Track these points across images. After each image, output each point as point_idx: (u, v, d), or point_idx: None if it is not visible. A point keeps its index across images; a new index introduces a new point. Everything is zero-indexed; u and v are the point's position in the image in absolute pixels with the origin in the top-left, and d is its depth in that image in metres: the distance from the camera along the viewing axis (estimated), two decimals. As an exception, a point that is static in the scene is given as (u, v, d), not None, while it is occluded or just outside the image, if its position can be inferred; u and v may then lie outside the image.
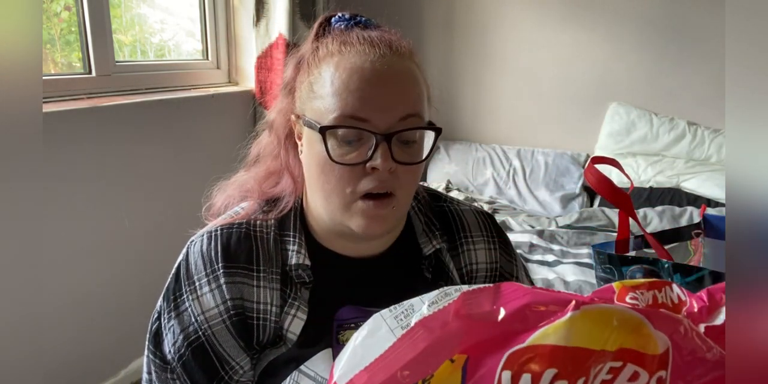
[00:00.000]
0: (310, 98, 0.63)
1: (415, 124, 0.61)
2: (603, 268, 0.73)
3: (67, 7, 1.73)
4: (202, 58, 2.27)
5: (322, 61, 0.63)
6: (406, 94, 0.61)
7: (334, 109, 0.60)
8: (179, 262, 0.70)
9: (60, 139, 1.49)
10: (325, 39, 0.66)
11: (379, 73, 0.60)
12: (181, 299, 0.68)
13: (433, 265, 0.73)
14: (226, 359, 0.67)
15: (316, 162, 0.63)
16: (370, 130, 0.59)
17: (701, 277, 0.61)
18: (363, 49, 0.61)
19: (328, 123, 0.60)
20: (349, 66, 0.60)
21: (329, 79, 0.61)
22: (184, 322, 0.67)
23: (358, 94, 0.59)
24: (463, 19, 2.96)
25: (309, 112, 0.63)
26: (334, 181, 0.62)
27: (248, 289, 0.67)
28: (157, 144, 1.82)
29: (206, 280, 0.67)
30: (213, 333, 0.66)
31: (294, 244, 0.69)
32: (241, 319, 0.66)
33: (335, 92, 0.60)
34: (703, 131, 2.63)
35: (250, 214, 0.71)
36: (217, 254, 0.67)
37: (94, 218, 1.62)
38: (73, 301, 1.58)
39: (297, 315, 0.67)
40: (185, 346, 0.66)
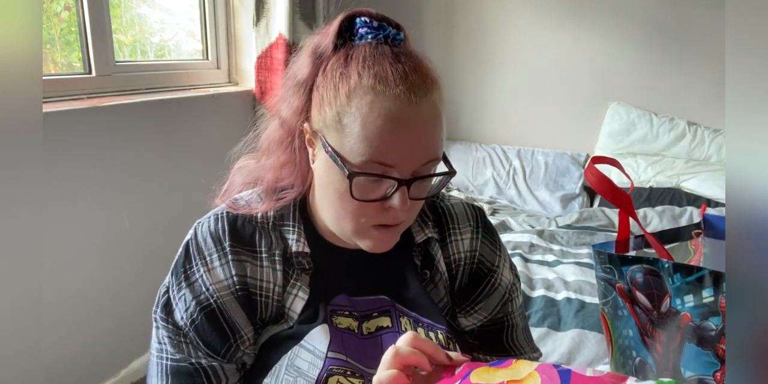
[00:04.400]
0: (336, 129, 0.63)
1: (435, 167, 0.66)
2: (603, 267, 0.73)
3: (67, 7, 1.73)
4: (202, 58, 2.27)
5: (353, 93, 0.61)
6: (432, 142, 0.63)
7: (363, 153, 0.61)
8: (187, 240, 0.72)
9: (60, 139, 1.49)
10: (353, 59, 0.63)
11: (412, 124, 0.61)
12: (192, 271, 0.70)
13: (422, 254, 0.77)
14: (236, 327, 0.69)
15: (333, 188, 0.65)
16: (394, 178, 0.62)
17: (701, 277, 0.61)
18: (398, 94, 0.60)
19: (356, 165, 0.62)
20: (384, 112, 0.60)
21: (362, 121, 0.61)
22: (195, 291, 0.69)
23: (389, 142, 0.61)
24: (463, 19, 2.96)
25: (333, 141, 0.63)
26: (350, 210, 0.65)
27: (252, 267, 0.70)
28: (157, 144, 1.82)
29: (217, 255, 0.70)
30: (224, 302, 0.69)
31: (294, 234, 0.72)
32: (245, 294, 0.69)
33: (367, 138, 0.60)
34: (703, 131, 2.63)
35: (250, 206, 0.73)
36: (225, 233, 0.70)
37: (94, 218, 1.62)
38: (73, 300, 1.58)
39: (298, 295, 0.70)
40: (198, 311, 0.68)
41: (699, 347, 0.62)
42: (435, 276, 0.76)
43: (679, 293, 0.63)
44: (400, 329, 0.71)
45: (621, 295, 0.71)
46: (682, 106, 2.70)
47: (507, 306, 0.82)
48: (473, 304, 0.80)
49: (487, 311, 0.80)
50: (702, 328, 0.61)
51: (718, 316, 0.60)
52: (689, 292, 0.63)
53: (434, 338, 0.71)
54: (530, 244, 2.08)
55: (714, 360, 0.61)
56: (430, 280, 0.76)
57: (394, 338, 0.68)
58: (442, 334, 0.71)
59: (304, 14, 2.24)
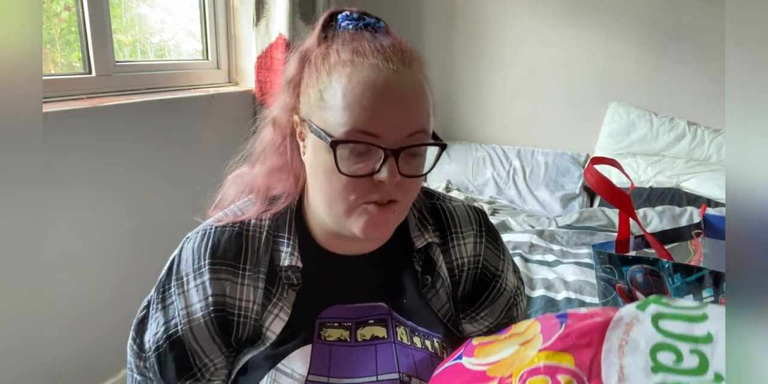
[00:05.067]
0: (319, 107, 0.63)
1: (423, 140, 0.63)
2: (603, 267, 0.73)
3: (67, 7, 1.73)
4: (202, 58, 2.27)
5: (333, 69, 0.62)
6: (416, 111, 0.63)
7: (345, 122, 0.60)
8: (173, 257, 0.71)
9: (60, 139, 1.49)
10: (334, 43, 0.65)
11: (392, 90, 0.61)
12: (169, 293, 0.70)
13: (423, 260, 0.75)
14: (200, 356, 0.68)
15: (322, 169, 0.64)
16: (379, 146, 0.61)
17: (701, 277, 0.61)
18: (376, 63, 0.61)
19: (339, 136, 0.61)
20: (362, 80, 0.60)
21: (341, 92, 0.61)
22: (167, 315, 0.69)
23: (370, 109, 0.60)
24: (463, 19, 2.96)
25: (317, 120, 0.63)
26: (340, 189, 0.63)
27: (232, 286, 0.68)
28: (157, 144, 1.82)
29: (193, 275, 0.69)
30: (191, 328, 0.68)
31: (288, 246, 0.70)
32: (220, 315, 0.68)
33: (347, 106, 0.60)
34: (703, 131, 2.63)
35: (247, 215, 0.71)
36: (206, 251, 0.69)
37: (94, 218, 1.62)
38: (73, 300, 1.58)
39: (279, 315, 0.69)
40: (164, 339, 0.68)
41: (699, 347, 0.62)
42: (437, 282, 0.74)
43: (679, 293, 0.64)
44: (396, 339, 0.70)
45: (621, 295, 0.71)
46: (682, 106, 2.70)
47: (512, 310, 0.80)
48: (478, 310, 0.78)
49: (493, 317, 0.79)
50: (702, 328, 0.61)
51: (718, 316, 0.60)
52: (689, 292, 0.63)
53: (430, 346, 0.70)
54: (530, 244, 2.08)
55: (714, 360, 0.60)
56: (431, 286, 0.74)
57: (389, 349, 0.68)
58: (438, 343, 0.70)
59: (304, 14, 2.24)
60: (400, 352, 0.68)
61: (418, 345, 0.69)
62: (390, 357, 0.68)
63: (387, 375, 0.66)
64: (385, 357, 0.67)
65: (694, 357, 0.43)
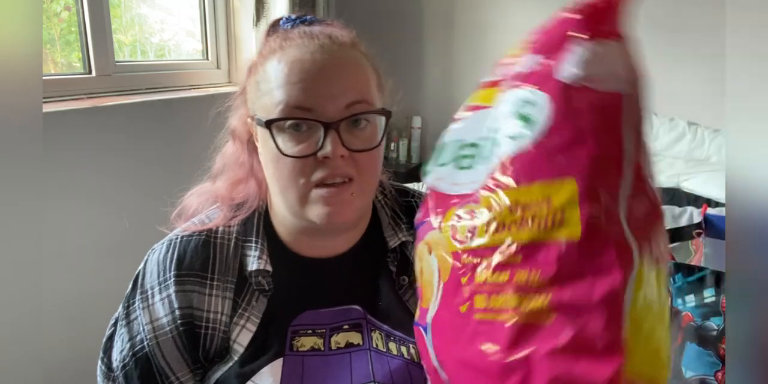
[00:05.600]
0: (258, 97, 0.64)
1: (363, 110, 0.62)
2: (604, 268, 0.73)
3: (67, 7, 1.73)
4: (202, 58, 2.27)
5: (265, 59, 0.63)
6: (349, 82, 0.61)
7: (279, 102, 0.60)
8: (138, 270, 0.70)
9: (60, 139, 1.49)
10: (270, 39, 0.66)
11: (320, 63, 0.60)
12: (133, 308, 0.68)
13: (398, 259, 0.72)
14: (167, 373, 0.65)
15: (270, 158, 0.63)
16: (315, 119, 0.59)
17: (702, 277, 0.61)
18: (303, 42, 0.62)
19: (274, 117, 0.60)
20: (290, 59, 0.60)
21: (273, 75, 0.61)
22: (132, 331, 0.66)
23: (300, 84, 0.59)
24: (463, 19, 2.95)
25: (259, 110, 0.64)
26: (287, 174, 0.61)
27: (199, 297, 0.66)
28: (157, 144, 1.82)
29: (158, 288, 0.67)
30: (158, 343, 0.65)
31: (255, 250, 0.68)
32: (188, 328, 0.65)
33: (278, 86, 0.60)
34: (703, 131, 2.63)
35: (214, 222, 0.70)
36: (171, 263, 0.67)
37: (94, 218, 1.62)
38: (73, 300, 1.58)
39: (246, 326, 0.66)
40: (130, 356, 0.66)
41: (700, 347, 0.62)
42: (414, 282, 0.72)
43: (680, 293, 0.63)
44: (371, 346, 0.67)
45: (622, 295, 0.71)
46: (682, 106, 2.70)
47: None
48: None
49: None
50: (703, 328, 0.61)
51: (719, 316, 0.60)
52: (690, 292, 0.63)
53: (406, 353, 0.66)
54: (530, 244, 2.07)
55: (715, 360, 0.60)
56: (408, 287, 0.71)
57: (364, 357, 0.65)
58: (414, 348, 0.67)
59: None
60: (376, 360, 0.65)
61: (393, 351, 0.67)
62: (365, 366, 0.65)
63: None
64: (360, 366, 0.65)
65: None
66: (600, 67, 0.46)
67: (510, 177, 0.46)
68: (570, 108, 0.45)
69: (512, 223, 0.44)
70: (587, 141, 0.44)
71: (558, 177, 0.43)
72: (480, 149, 0.53)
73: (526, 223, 0.44)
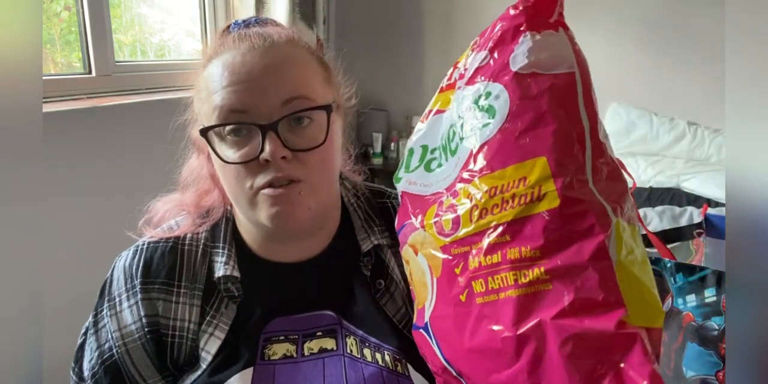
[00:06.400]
0: (200, 106, 0.63)
1: (301, 107, 0.58)
2: (604, 267, 0.73)
3: (67, 7, 1.73)
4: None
5: (203, 66, 0.62)
6: (283, 79, 0.58)
7: (214, 108, 0.58)
8: (106, 277, 0.69)
9: (60, 139, 1.49)
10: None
11: (250, 63, 0.58)
12: (101, 316, 0.66)
13: (372, 263, 0.69)
14: (137, 380, 0.64)
15: (218, 166, 0.61)
16: (250, 122, 0.57)
17: (703, 277, 0.61)
18: (235, 45, 0.60)
19: (213, 122, 0.58)
20: (222, 63, 0.59)
21: (208, 81, 0.60)
22: (101, 339, 0.65)
23: (231, 87, 0.57)
24: (463, 20, 2.96)
25: (204, 120, 0.62)
26: (234, 181, 0.59)
27: (166, 305, 0.64)
28: (157, 144, 1.82)
29: (126, 296, 0.65)
30: (128, 350, 0.64)
31: (223, 256, 0.66)
32: (155, 336, 0.64)
33: (213, 91, 0.59)
34: (703, 131, 2.63)
35: (182, 229, 0.69)
36: (138, 270, 0.66)
37: (94, 218, 1.62)
38: (73, 301, 1.58)
39: (214, 334, 0.64)
40: (99, 365, 0.64)
41: (701, 347, 0.62)
42: (390, 285, 0.68)
43: (681, 293, 0.63)
44: (345, 352, 0.64)
45: (622, 295, 0.71)
46: (682, 106, 2.70)
47: None
48: None
49: None
50: (704, 328, 0.61)
51: (720, 315, 0.60)
52: (691, 292, 0.63)
53: (380, 360, 0.63)
54: (530, 244, 2.07)
55: (716, 360, 0.60)
56: (384, 290, 0.68)
57: (338, 363, 0.63)
58: (389, 355, 0.63)
59: (304, 14, 2.24)
60: (349, 367, 0.62)
61: (368, 358, 0.64)
62: (338, 372, 0.62)
63: None
64: (334, 372, 0.62)
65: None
66: (547, 53, 0.49)
67: (484, 164, 0.49)
68: (526, 93, 0.48)
69: (494, 207, 0.47)
70: (548, 120, 0.47)
71: (529, 158, 0.47)
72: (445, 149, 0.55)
73: (507, 203, 0.47)
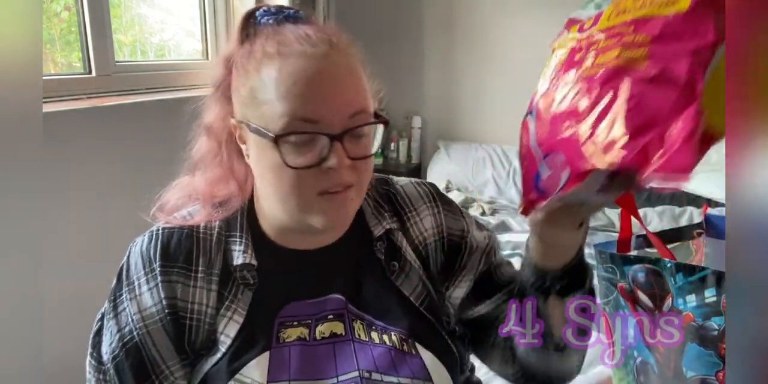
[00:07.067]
0: (254, 105, 0.62)
1: (365, 120, 0.63)
2: (605, 267, 0.73)
3: (67, 7, 1.73)
4: (202, 58, 2.27)
5: (261, 64, 0.61)
6: (353, 92, 0.62)
7: (282, 114, 0.59)
8: (122, 263, 0.70)
9: (60, 139, 1.49)
10: (257, 39, 0.64)
11: (324, 73, 0.60)
12: (120, 300, 0.68)
13: (385, 247, 0.73)
14: (158, 362, 0.66)
15: (269, 166, 0.62)
16: (322, 133, 0.59)
17: (703, 277, 0.61)
18: (303, 50, 0.60)
19: (280, 129, 0.59)
20: (291, 69, 0.59)
21: (273, 85, 0.60)
22: (121, 323, 0.66)
23: (304, 96, 0.59)
24: (463, 19, 2.96)
25: (254, 118, 0.62)
26: (291, 183, 0.61)
27: (184, 288, 0.66)
28: (157, 144, 1.82)
29: (145, 279, 0.67)
30: (148, 332, 0.65)
31: (240, 245, 0.68)
32: (174, 318, 0.66)
33: (281, 97, 0.59)
34: (703, 131, 2.63)
35: (196, 219, 0.70)
36: (156, 253, 0.67)
37: (94, 218, 1.62)
38: (73, 301, 1.58)
39: (233, 318, 0.67)
40: (120, 347, 0.66)
41: (701, 347, 0.62)
42: (405, 266, 0.73)
43: (681, 293, 0.63)
44: (354, 336, 0.68)
45: (623, 294, 0.71)
46: (682, 106, 2.70)
47: (490, 257, 0.79)
48: (460, 274, 0.77)
49: (474, 269, 0.77)
50: (704, 328, 0.61)
51: (720, 315, 0.60)
52: (691, 292, 0.63)
53: (388, 340, 0.68)
54: (530, 244, 2.08)
55: (716, 360, 0.60)
56: (400, 271, 0.72)
57: (348, 348, 0.67)
58: (396, 335, 0.68)
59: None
60: (359, 350, 0.67)
61: (375, 340, 0.68)
62: (349, 356, 0.67)
63: (347, 375, 0.66)
64: (344, 357, 0.67)
65: None
66: None
67: None
68: None
69: (632, 8, 0.53)
70: None
71: None
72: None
73: (644, 5, 0.52)
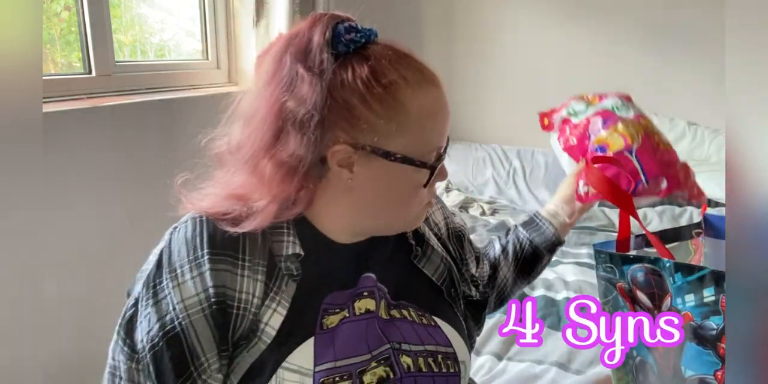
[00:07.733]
0: (399, 133, 0.65)
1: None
2: (604, 267, 0.73)
3: (67, 7, 1.73)
4: (202, 58, 2.27)
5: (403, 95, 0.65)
6: None
7: (434, 147, 0.68)
8: (161, 249, 0.68)
9: (60, 139, 1.49)
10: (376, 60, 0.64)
11: (447, 105, 0.70)
12: (161, 287, 0.66)
13: (414, 232, 0.81)
14: (197, 354, 0.64)
15: (396, 190, 0.69)
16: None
17: (702, 277, 0.61)
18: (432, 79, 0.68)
19: (431, 159, 0.68)
20: (435, 104, 0.68)
21: (418, 117, 0.66)
22: (161, 311, 0.64)
23: (442, 129, 0.69)
24: (463, 19, 2.96)
25: (397, 146, 0.65)
26: (417, 200, 0.70)
27: (232, 277, 0.65)
28: (157, 144, 1.82)
29: (188, 267, 0.65)
30: (191, 322, 0.64)
31: (289, 235, 0.69)
32: (221, 307, 0.65)
33: (432, 129, 0.68)
34: (703, 131, 2.63)
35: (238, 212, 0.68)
36: (202, 241, 0.66)
37: (94, 218, 1.62)
38: (73, 301, 1.58)
39: (277, 310, 0.67)
40: (160, 336, 0.64)
41: (700, 347, 0.62)
42: (427, 250, 0.81)
43: (680, 292, 0.64)
44: (378, 314, 0.73)
45: (622, 294, 0.71)
46: (682, 106, 2.70)
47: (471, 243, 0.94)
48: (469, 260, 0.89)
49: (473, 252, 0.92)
50: (703, 328, 0.61)
51: (719, 315, 0.60)
52: (690, 292, 0.63)
53: (408, 315, 0.75)
54: (530, 244, 2.07)
55: (715, 359, 0.61)
56: (422, 255, 0.80)
57: (374, 324, 0.72)
58: (413, 311, 0.75)
59: (304, 14, 2.24)
60: (388, 325, 0.72)
61: (396, 316, 0.74)
62: (376, 332, 0.71)
63: (379, 349, 0.70)
64: (376, 332, 0.71)
65: None
66: None
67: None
68: None
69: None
70: None
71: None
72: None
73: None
